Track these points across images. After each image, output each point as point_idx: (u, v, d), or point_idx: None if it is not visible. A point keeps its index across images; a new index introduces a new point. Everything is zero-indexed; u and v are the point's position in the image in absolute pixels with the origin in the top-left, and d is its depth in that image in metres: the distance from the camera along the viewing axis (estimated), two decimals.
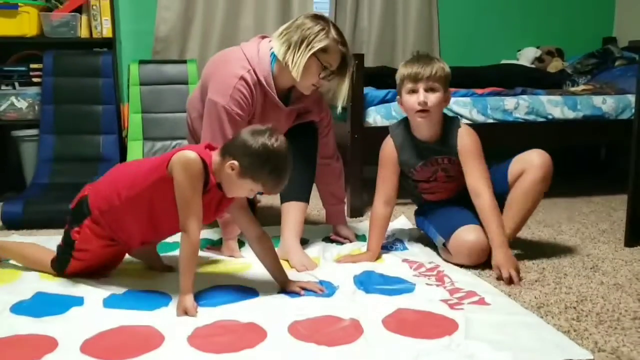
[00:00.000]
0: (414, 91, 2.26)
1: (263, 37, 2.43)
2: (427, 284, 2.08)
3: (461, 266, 2.26)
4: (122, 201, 1.93)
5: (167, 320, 1.75)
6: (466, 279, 2.13)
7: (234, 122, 2.26)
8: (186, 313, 1.78)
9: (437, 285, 2.06)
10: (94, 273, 2.10)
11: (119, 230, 1.99)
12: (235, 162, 1.82)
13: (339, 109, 2.43)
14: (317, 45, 2.24)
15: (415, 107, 2.26)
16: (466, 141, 2.30)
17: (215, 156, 1.89)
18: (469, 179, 2.28)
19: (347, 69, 2.35)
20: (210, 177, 1.86)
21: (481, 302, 1.89)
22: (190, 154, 1.84)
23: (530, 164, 2.30)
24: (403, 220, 2.82)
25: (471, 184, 2.26)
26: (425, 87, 2.24)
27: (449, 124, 2.35)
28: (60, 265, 2.07)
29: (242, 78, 2.27)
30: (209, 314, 1.79)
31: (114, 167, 2.13)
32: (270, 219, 2.93)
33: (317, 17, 2.31)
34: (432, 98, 2.24)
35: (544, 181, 2.30)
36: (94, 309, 1.84)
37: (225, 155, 1.86)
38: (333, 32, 2.28)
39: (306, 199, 2.48)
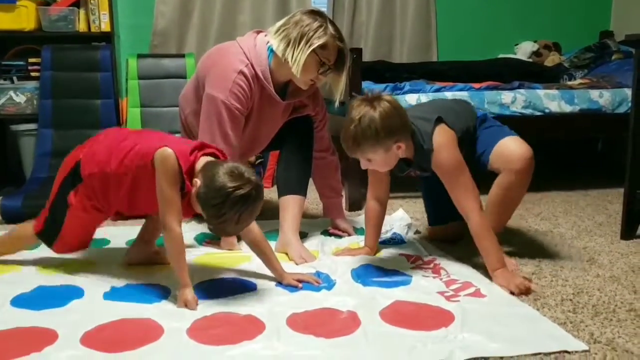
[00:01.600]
0: None
1: (258, 32, 2.43)
2: (423, 276, 2.09)
3: (458, 259, 2.28)
4: (112, 170, 1.94)
5: (167, 312, 1.76)
6: (463, 271, 2.14)
7: (233, 117, 2.27)
8: (187, 306, 1.80)
9: (434, 277, 2.08)
10: (79, 246, 2.12)
11: (102, 195, 2.00)
12: (199, 182, 1.80)
13: (337, 104, 2.44)
14: (317, 42, 2.25)
15: None
16: (441, 163, 2.07)
17: (201, 162, 1.86)
18: (453, 198, 2.09)
19: (344, 64, 2.36)
20: (186, 182, 1.84)
21: (477, 293, 1.91)
22: (167, 151, 1.83)
23: (508, 166, 2.12)
24: (400, 213, 2.83)
25: (456, 204, 2.09)
26: (360, 159, 2.08)
27: (420, 149, 2.10)
28: (49, 235, 2.06)
29: (241, 72, 2.28)
30: (208, 307, 1.80)
31: (110, 131, 2.10)
32: (268, 212, 2.94)
33: (314, 13, 2.31)
34: (376, 167, 2.10)
35: (523, 179, 2.14)
36: (94, 302, 1.85)
37: (204, 168, 1.83)
38: (331, 28, 2.28)
39: (303, 193, 2.49)
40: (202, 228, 2.72)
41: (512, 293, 1.92)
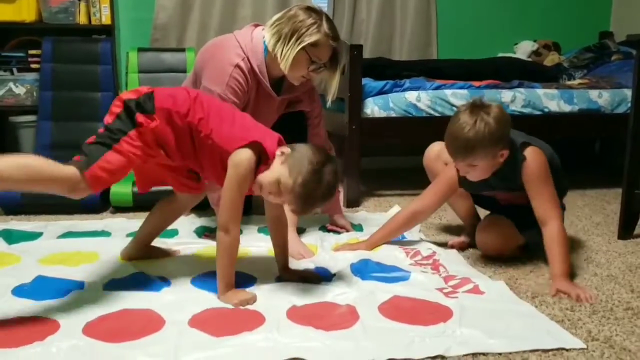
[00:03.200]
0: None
1: (256, 26, 2.42)
2: (422, 271, 2.10)
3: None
4: (187, 122, 1.85)
5: (167, 304, 1.77)
6: (461, 267, 2.16)
7: None
8: (249, 303, 1.79)
9: (433, 274, 2.09)
10: (113, 178, 1.80)
11: (165, 139, 1.86)
12: (289, 178, 1.77)
13: (329, 103, 2.44)
14: (307, 40, 2.23)
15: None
16: (530, 171, 2.09)
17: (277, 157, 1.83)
18: (534, 205, 2.10)
19: (338, 63, 2.34)
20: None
21: (476, 290, 1.92)
22: (244, 157, 1.79)
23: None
24: (396, 209, 2.84)
25: (537, 212, 2.09)
26: (464, 165, 2.08)
27: (513, 159, 2.10)
28: (91, 158, 1.73)
29: (238, 66, 2.27)
30: (208, 300, 1.81)
31: (199, 93, 1.95)
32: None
33: (311, 10, 2.29)
34: (475, 174, 2.10)
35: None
36: (95, 293, 1.86)
37: (284, 161, 1.80)
38: (325, 27, 2.26)
39: None
40: (202, 221, 2.73)
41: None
